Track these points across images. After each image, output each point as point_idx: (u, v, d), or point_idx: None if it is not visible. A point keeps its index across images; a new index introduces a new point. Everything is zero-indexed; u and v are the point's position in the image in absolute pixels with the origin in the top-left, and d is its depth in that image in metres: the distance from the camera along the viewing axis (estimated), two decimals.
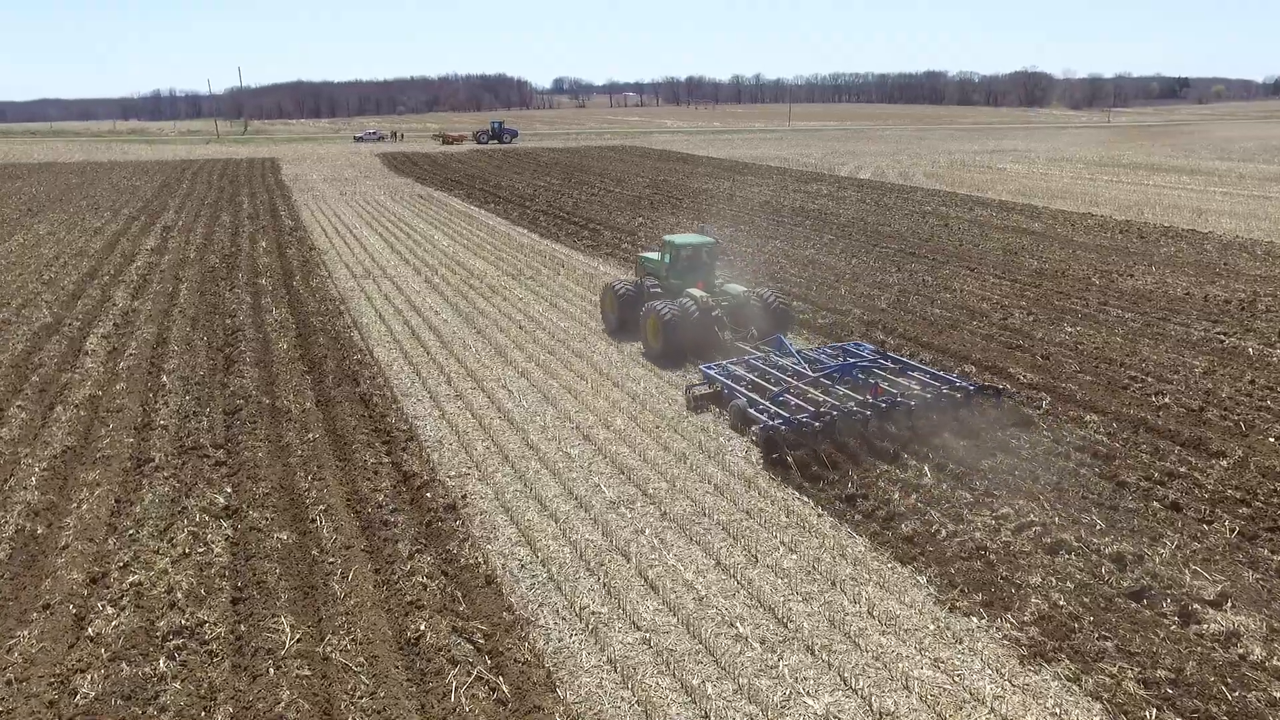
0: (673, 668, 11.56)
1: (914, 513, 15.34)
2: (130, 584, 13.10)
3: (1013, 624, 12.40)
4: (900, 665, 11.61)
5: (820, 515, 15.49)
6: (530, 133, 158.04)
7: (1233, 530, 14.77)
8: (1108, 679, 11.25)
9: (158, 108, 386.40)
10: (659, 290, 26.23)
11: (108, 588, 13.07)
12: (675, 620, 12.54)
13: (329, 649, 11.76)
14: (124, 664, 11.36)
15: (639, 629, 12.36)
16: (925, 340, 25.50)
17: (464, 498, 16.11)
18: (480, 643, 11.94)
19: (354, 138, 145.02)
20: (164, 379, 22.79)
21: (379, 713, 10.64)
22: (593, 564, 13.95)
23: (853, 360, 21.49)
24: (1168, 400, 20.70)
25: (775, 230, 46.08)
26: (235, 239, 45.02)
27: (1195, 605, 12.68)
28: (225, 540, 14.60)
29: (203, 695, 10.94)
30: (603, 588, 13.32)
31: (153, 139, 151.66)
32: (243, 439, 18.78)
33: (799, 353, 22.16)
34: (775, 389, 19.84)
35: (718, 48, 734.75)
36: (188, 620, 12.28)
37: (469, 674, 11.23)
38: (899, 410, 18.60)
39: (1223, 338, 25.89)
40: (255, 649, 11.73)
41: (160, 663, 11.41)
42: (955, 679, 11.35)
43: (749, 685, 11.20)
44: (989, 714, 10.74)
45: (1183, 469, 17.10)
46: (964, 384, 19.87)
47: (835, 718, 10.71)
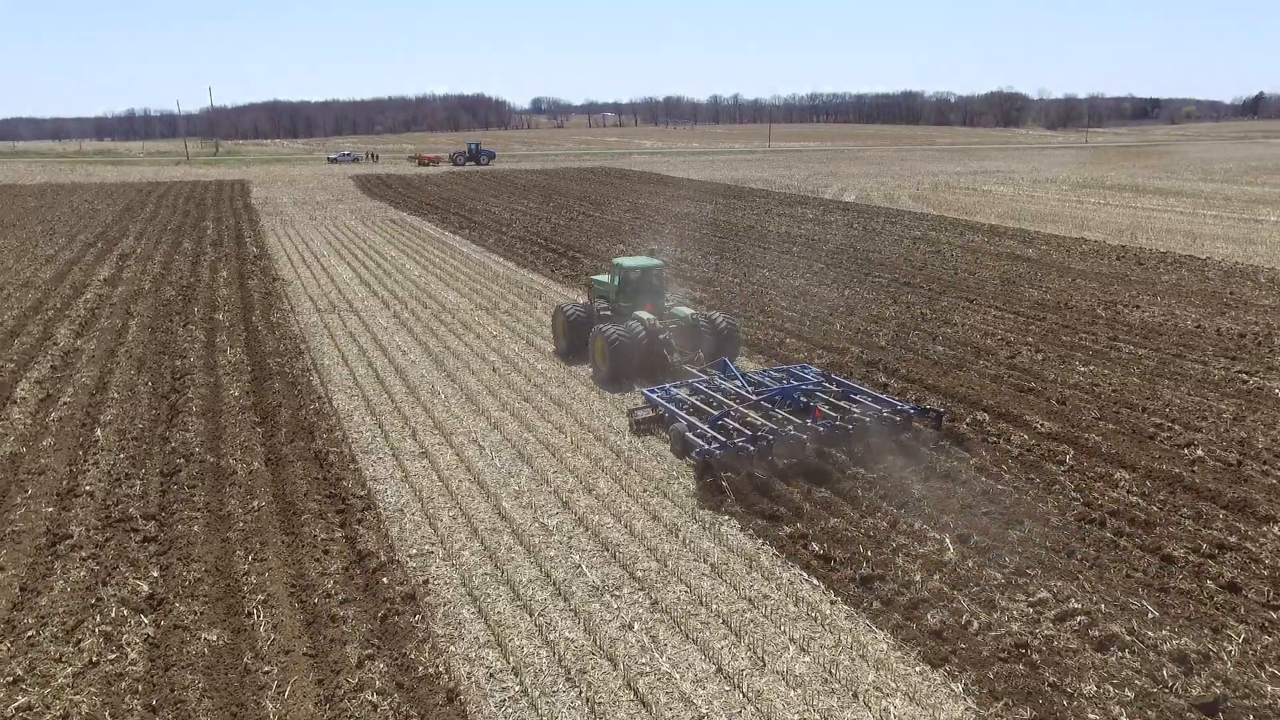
0: None
1: (939, 598, 13.40)
2: (17, 709, 10.95)
3: None
4: None
5: (834, 603, 13.52)
6: (508, 154, 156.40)
7: None
8: None
9: (132, 127, 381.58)
10: (609, 313, 26.08)
11: None
12: None
13: None
14: None
15: None
16: (931, 382, 23.68)
17: (425, 583, 14.03)
18: None
19: (328, 159, 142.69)
20: (98, 433, 20.60)
21: None
22: (574, 671, 11.90)
23: (795, 384, 21.25)
24: (1200, 453, 18.94)
25: (762, 258, 44.33)
26: (195, 268, 42.77)
27: None
28: (143, 643, 12.46)
29: None
30: (585, 703, 11.29)
31: (119, 160, 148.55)
32: (178, 508, 16.64)
33: (743, 375, 22.05)
34: (715, 412, 19.75)
35: (696, 68, 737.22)
36: None
37: None
38: (837, 433, 18.60)
39: (1245, 377, 24.23)
40: None
41: None
42: None
43: None
44: None
45: (1232, 538, 15.29)
46: (904, 407, 19.87)
47: None
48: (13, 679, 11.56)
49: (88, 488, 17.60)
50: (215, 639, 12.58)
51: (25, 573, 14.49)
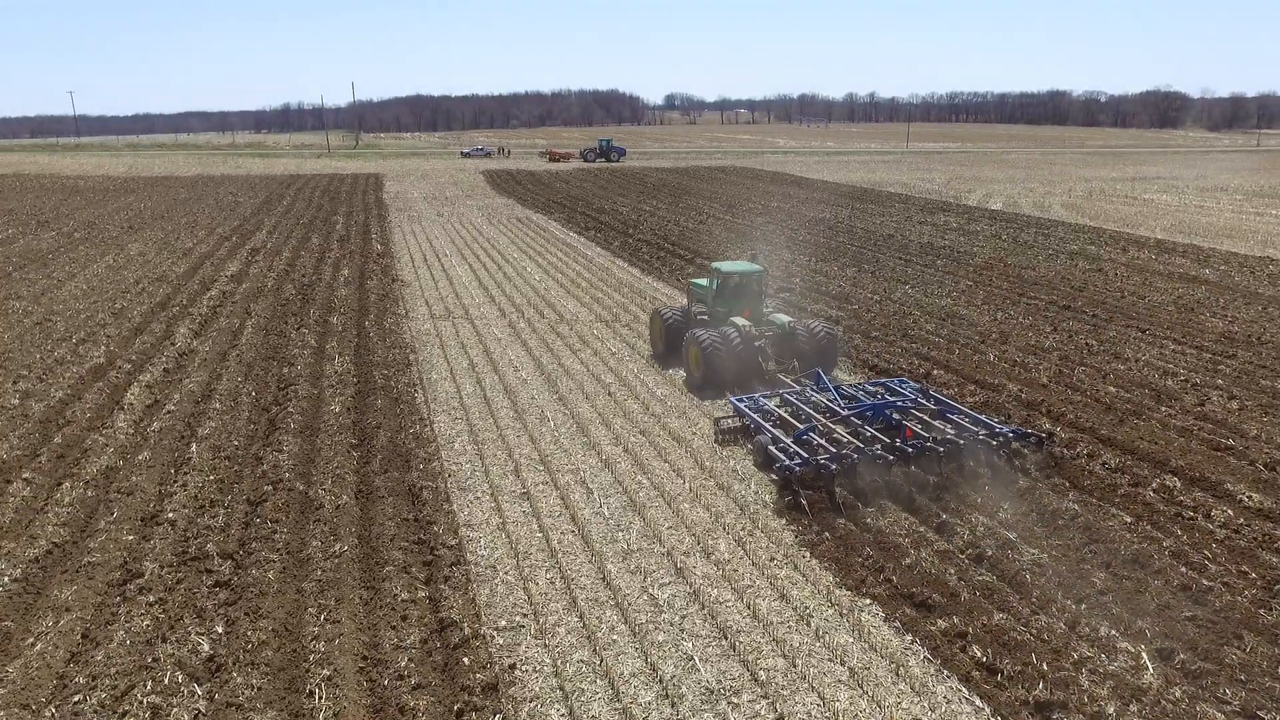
0: None
1: None
2: None
3: None
4: None
5: None
6: (639, 150, 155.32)
7: None
8: None
9: (287, 120, 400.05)
10: (705, 317, 25.74)
11: None
12: None
13: None
14: None
15: None
16: (1105, 433, 20.42)
17: (512, 669, 12.09)
18: None
19: (461, 153, 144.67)
20: (193, 449, 19.60)
21: None
22: None
23: (889, 399, 20.42)
24: None
25: (903, 271, 41.12)
26: (319, 265, 42.51)
27: None
28: None
29: None
30: None
31: (266, 153, 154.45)
32: (257, 546, 15.23)
33: (836, 388, 21.37)
34: (801, 426, 19.07)
35: (832, 65, 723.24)
36: None
37: None
38: (927, 455, 17.70)
39: None
40: None
41: None
42: None
43: None
44: None
45: None
46: (1004, 429, 18.81)
47: None
48: None
49: (171, 515, 16.45)
50: None
51: (91, 615, 13.32)
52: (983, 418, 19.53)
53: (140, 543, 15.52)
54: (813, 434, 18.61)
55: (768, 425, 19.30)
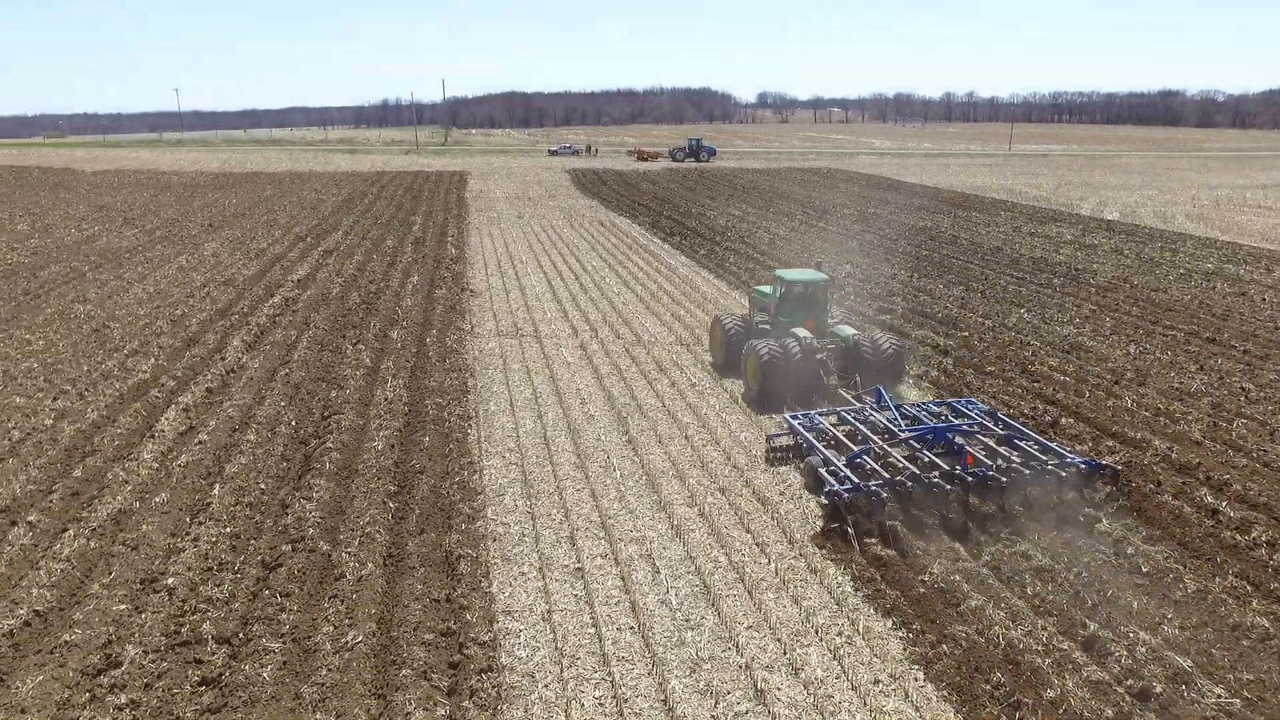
0: None
1: None
2: None
3: None
4: None
5: None
6: (729, 150, 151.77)
7: None
8: None
9: (385, 116, 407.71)
10: (767, 327, 24.84)
11: None
12: None
13: None
14: None
15: None
16: None
17: None
18: None
19: (548, 151, 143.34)
20: (216, 492, 17.48)
21: None
22: None
23: (951, 423, 19.17)
24: None
25: (1016, 292, 37.25)
26: (389, 271, 40.68)
27: None
28: None
29: None
30: None
31: (356, 149, 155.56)
32: (258, 630, 12.89)
33: (898, 407, 20.29)
34: (856, 448, 18.08)
35: (928, 63, 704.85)
36: None
37: None
38: (990, 486, 16.47)
39: None
40: None
41: None
42: None
43: None
44: None
45: None
46: (1075, 460, 17.40)
47: None
48: None
49: (171, 580, 14.27)
50: None
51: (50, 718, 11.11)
52: (1054, 445, 18.29)
53: (130, 615, 13.36)
54: (866, 457, 17.63)
55: (820, 445, 18.30)
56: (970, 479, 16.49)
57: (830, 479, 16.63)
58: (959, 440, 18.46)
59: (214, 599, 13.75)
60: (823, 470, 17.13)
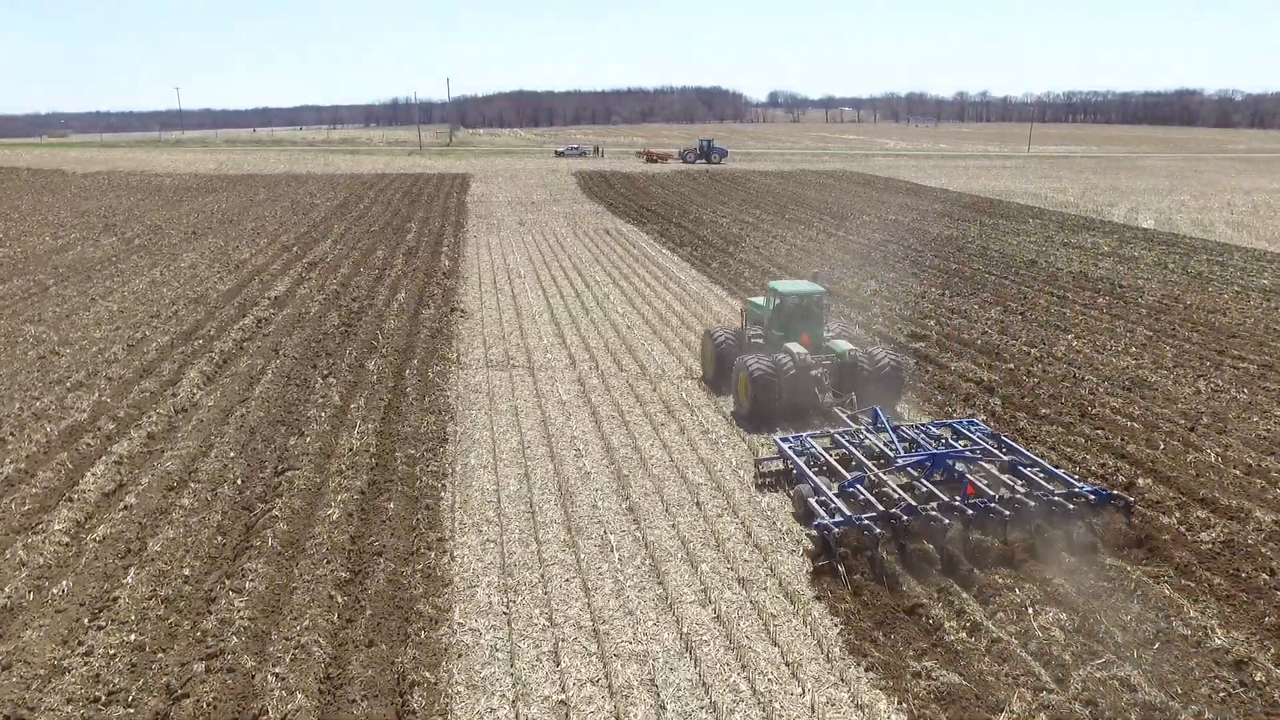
0: None
1: None
2: None
3: None
4: None
5: None
6: (741, 151, 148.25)
7: None
8: None
9: (395, 115, 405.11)
10: (760, 341, 23.84)
11: None
12: None
13: None
14: None
15: None
16: None
17: None
18: None
19: (555, 152, 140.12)
20: (130, 579, 14.42)
21: None
22: None
23: (951, 447, 18.27)
24: None
25: (1059, 313, 33.93)
26: (375, 286, 37.61)
27: None
28: None
29: None
30: None
31: (357, 149, 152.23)
32: None
33: (896, 429, 19.26)
34: (849, 475, 17.18)
35: (940, 63, 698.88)
36: None
37: None
38: (992, 518, 15.30)
39: None
40: None
41: None
42: None
43: None
44: None
45: None
46: (1084, 488, 16.35)
47: None
48: None
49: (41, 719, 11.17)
50: None
51: None
52: (1060, 472, 17.22)
53: None
54: (859, 486, 16.64)
55: (810, 472, 17.28)
56: (971, 511, 15.38)
57: (820, 510, 15.72)
58: (959, 467, 17.36)
59: None
60: (813, 500, 16.20)
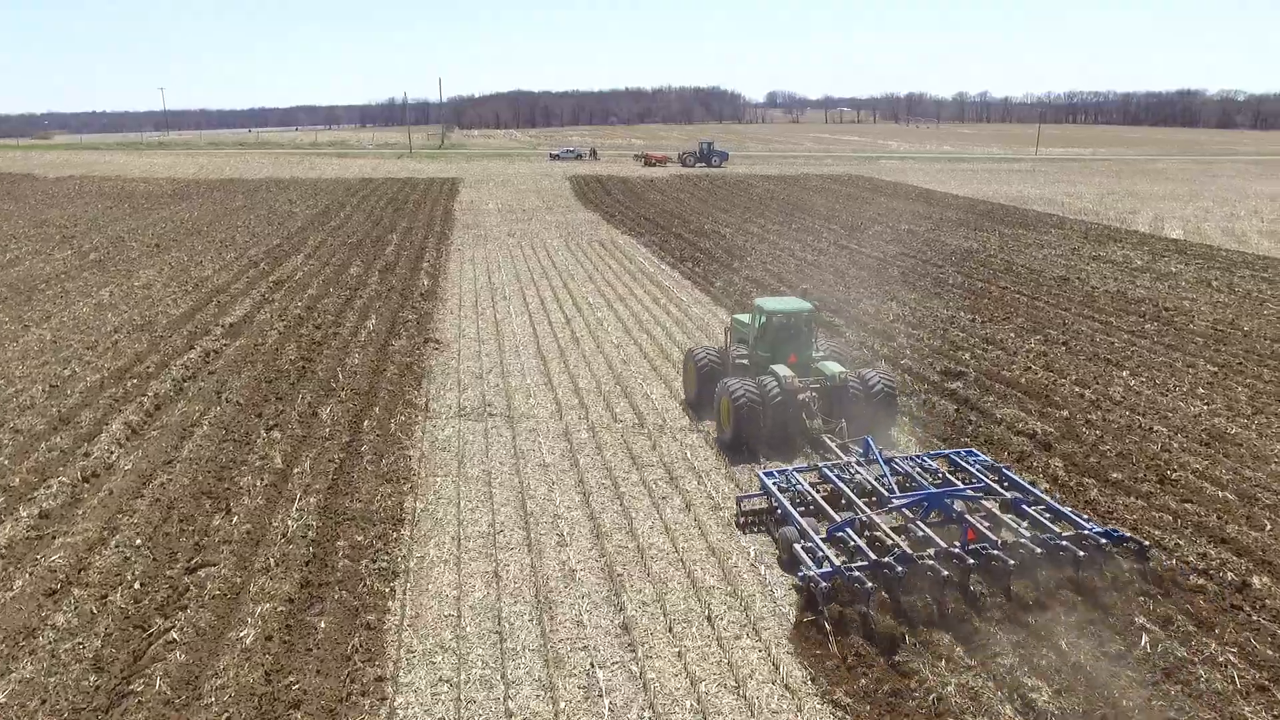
0: None
1: None
2: None
3: None
4: None
5: None
6: (742, 154, 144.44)
7: None
8: None
9: (391, 115, 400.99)
10: (744, 362, 22.43)
11: None
12: None
13: None
14: None
15: None
16: None
17: None
18: None
19: (549, 155, 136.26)
20: None
21: None
22: None
23: (949, 485, 16.94)
24: None
25: (1108, 343, 30.27)
26: (344, 310, 33.95)
27: None
28: None
29: None
30: None
31: (345, 152, 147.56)
32: None
33: (889, 461, 17.96)
34: (838, 517, 15.63)
35: (939, 63, 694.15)
36: None
37: None
38: (994, 566, 13.81)
39: None
40: None
41: None
42: None
43: None
44: None
45: None
46: (1094, 529, 14.91)
47: None
48: None
49: None
50: None
51: None
52: (1067, 510, 16.03)
53: None
54: (849, 531, 15.32)
55: (796, 514, 15.94)
56: (972, 560, 13.93)
57: (806, 558, 14.43)
58: (958, 506, 15.84)
59: None
60: (798, 546, 14.88)
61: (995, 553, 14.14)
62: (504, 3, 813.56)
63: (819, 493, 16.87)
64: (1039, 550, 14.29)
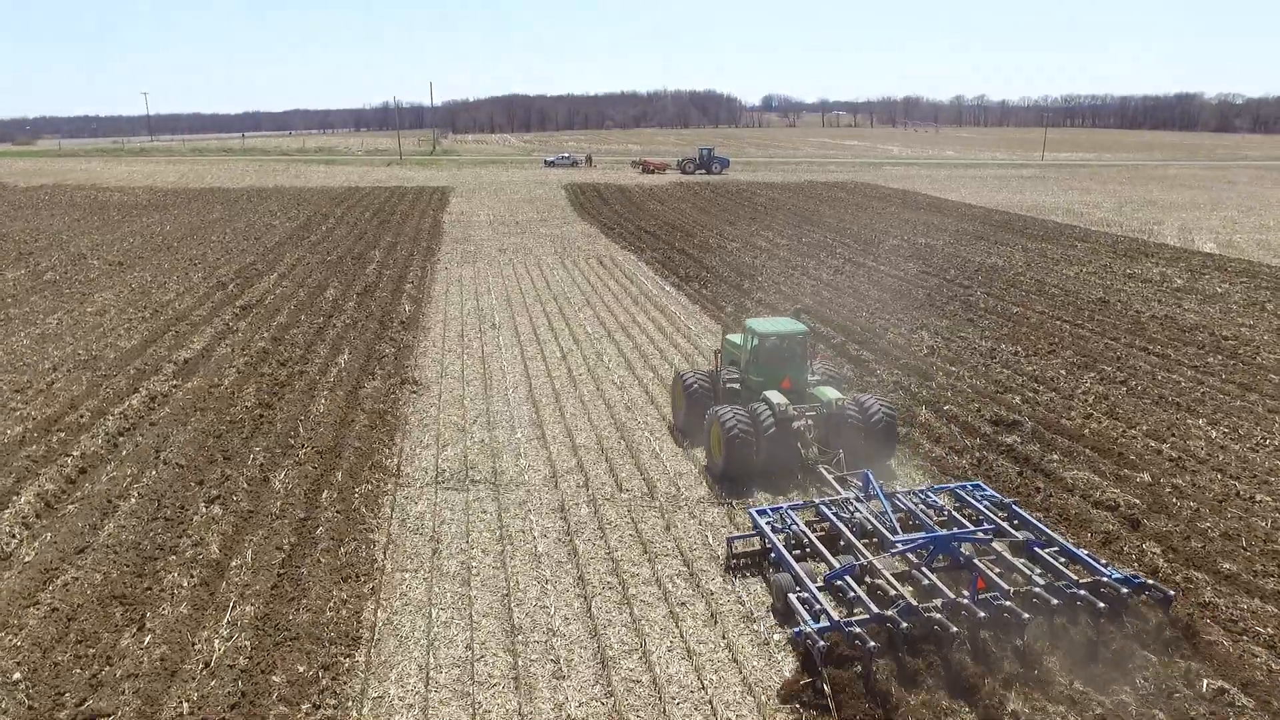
0: None
1: None
2: None
3: None
4: None
5: None
6: (742, 160, 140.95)
7: None
8: None
9: (385, 119, 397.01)
10: (736, 386, 21.26)
11: None
12: None
13: None
14: None
15: None
16: None
17: None
18: None
19: (544, 161, 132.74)
20: None
21: None
22: None
23: (957, 527, 15.52)
24: None
25: (1170, 380, 26.92)
26: (315, 342, 30.47)
27: None
28: None
29: None
30: None
31: (334, 159, 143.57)
32: None
33: (890, 497, 16.72)
34: (837, 563, 14.55)
35: (936, 66, 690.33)
36: None
37: None
38: (1007, 618, 12.80)
39: None
40: None
41: None
42: None
43: None
44: None
45: None
46: (1113, 574, 13.94)
47: None
48: None
49: None
50: None
51: None
52: (1083, 553, 14.81)
53: None
54: (848, 579, 13.93)
55: (791, 558, 14.70)
56: (981, 611, 12.81)
57: (802, 610, 13.40)
58: (966, 550, 14.69)
59: None
60: (793, 597, 13.82)
61: (1007, 603, 13.08)
62: (499, 7, 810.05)
63: (815, 532, 15.86)
64: (1055, 600, 13.33)
